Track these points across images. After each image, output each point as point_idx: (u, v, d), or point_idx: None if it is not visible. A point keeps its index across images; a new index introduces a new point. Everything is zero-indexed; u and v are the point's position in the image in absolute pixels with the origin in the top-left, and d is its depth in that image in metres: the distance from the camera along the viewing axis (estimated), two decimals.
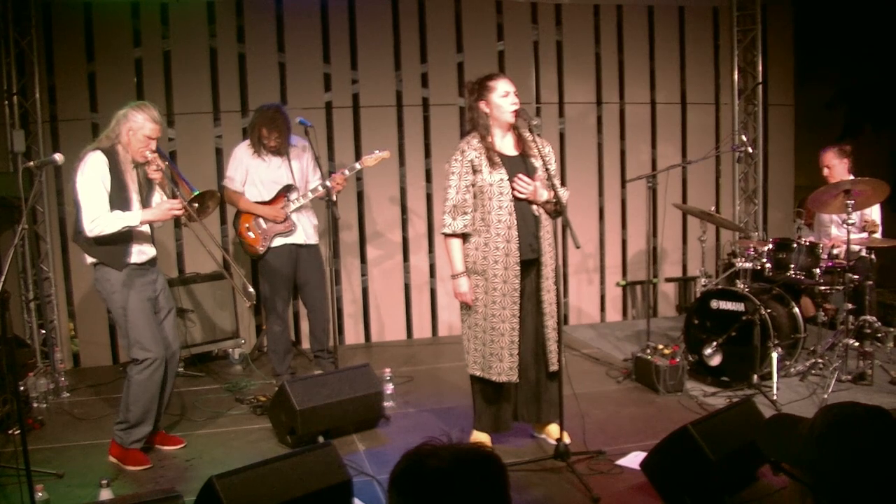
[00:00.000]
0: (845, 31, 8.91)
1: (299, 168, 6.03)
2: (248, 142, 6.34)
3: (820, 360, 6.09)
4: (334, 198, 6.06)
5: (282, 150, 6.23)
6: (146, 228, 4.94)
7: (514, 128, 4.78)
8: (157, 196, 5.00)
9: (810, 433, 1.88)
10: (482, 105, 4.69)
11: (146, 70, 7.37)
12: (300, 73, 7.69)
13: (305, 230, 6.30)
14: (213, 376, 6.89)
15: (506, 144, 4.77)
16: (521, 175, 4.62)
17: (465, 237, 4.74)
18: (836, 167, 6.56)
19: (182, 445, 5.17)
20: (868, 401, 1.93)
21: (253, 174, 6.28)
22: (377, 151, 6.28)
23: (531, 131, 4.67)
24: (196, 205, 4.91)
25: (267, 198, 6.27)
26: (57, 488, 4.40)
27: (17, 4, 6.82)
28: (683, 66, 8.69)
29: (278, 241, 6.27)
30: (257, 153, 6.26)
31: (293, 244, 6.30)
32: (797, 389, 5.84)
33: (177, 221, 7.28)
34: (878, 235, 6.18)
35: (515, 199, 4.63)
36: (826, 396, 5.50)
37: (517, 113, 4.64)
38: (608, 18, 8.44)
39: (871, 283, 6.21)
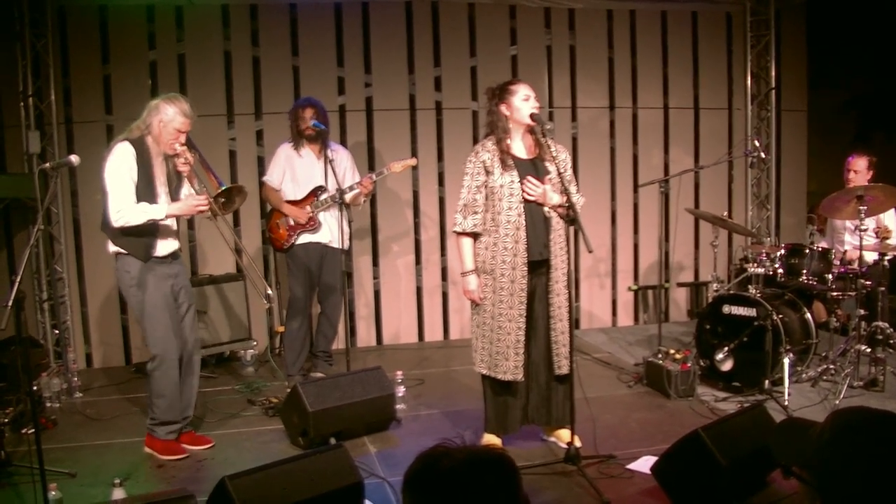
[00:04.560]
0: (858, 37, 8.89)
1: (332, 171, 6.08)
2: (289, 141, 6.48)
3: (832, 366, 6.07)
4: (361, 200, 6.42)
5: (317, 141, 6.35)
6: (171, 222, 4.98)
7: (531, 132, 4.82)
8: (186, 189, 5.03)
9: (820, 437, 1.89)
10: (503, 108, 4.75)
11: (161, 72, 7.41)
12: (314, 77, 7.72)
13: (332, 230, 6.38)
14: (226, 377, 6.93)
15: (521, 148, 4.82)
16: (530, 177, 4.66)
17: (475, 237, 4.79)
18: (861, 174, 6.51)
19: (210, 445, 5.20)
20: (880, 407, 1.93)
21: (290, 172, 6.46)
22: (405, 159, 6.53)
23: (544, 135, 4.71)
24: (222, 200, 4.95)
25: (300, 196, 6.42)
26: (70, 488, 4.42)
27: (33, 7, 6.88)
28: (696, 71, 8.68)
29: (304, 238, 6.43)
30: (296, 147, 6.44)
31: (319, 242, 6.43)
32: (809, 395, 5.82)
33: (191, 221, 7.33)
34: (892, 241, 6.15)
35: (526, 200, 4.67)
36: (838, 402, 5.48)
37: (532, 117, 4.68)
38: (621, 23, 8.44)
39: (883, 288, 6.18)
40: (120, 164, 4.73)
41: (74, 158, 4.35)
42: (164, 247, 4.96)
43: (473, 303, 4.85)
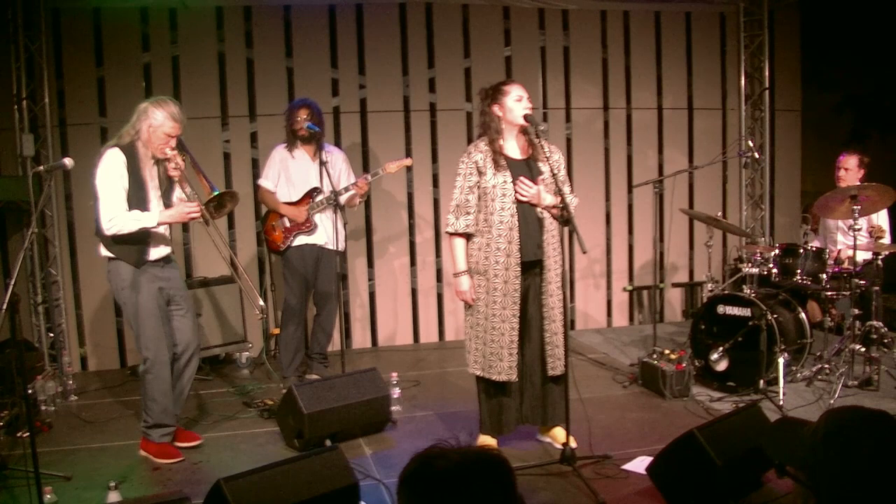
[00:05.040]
0: (852, 36, 8.91)
1: (328, 173, 6.08)
2: (284, 143, 6.48)
3: (826, 366, 6.08)
4: (357, 201, 6.46)
5: (311, 141, 6.33)
6: (164, 229, 4.97)
7: (524, 133, 4.83)
8: (178, 192, 5.02)
9: (814, 436, 1.89)
10: (495, 108, 4.76)
11: (155, 75, 7.40)
12: (308, 78, 7.71)
13: (327, 232, 6.37)
14: (221, 380, 6.92)
15: (514, 148, 4.83)
16: (522, 178, 4.66)
17: (469, 237, 4.80)
18: (852, 172, 6.53)
19: (199, 442, 5.21)
20: (874, 406, 1.94)
21: (285, 174, 6.45)
22: (400, 159, 6.54)
23: (538, 136, 4.72)
24: (214, 204, 4.93)
25: (295, 198, 6.42)
26: (65, 491, 4.42)
27: (27, 10, 6.86)
28: (690, 72, 8.70)
29: (300, 240, 6.42)
30: (290, 149, 6.43)
31: (315, 244, 6.42)
32: (803, 395, 5.83)
33: (185, 225, 7.31)
34: (885, 241, 6.17)
35: (518, 201, 4.67)
36: (832, 402, 5.50)
37: (525, 118, 4.68)
38: (615, 24, 8.44)
39: (877, 288, 6.20)
40: (110, 172, 4.71)
41: (68, 161, 4.34)
42: (157, 252, 4.96)
43: (466, 304, 4.86)
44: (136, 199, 4.78)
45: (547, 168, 4.73)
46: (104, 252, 4.88)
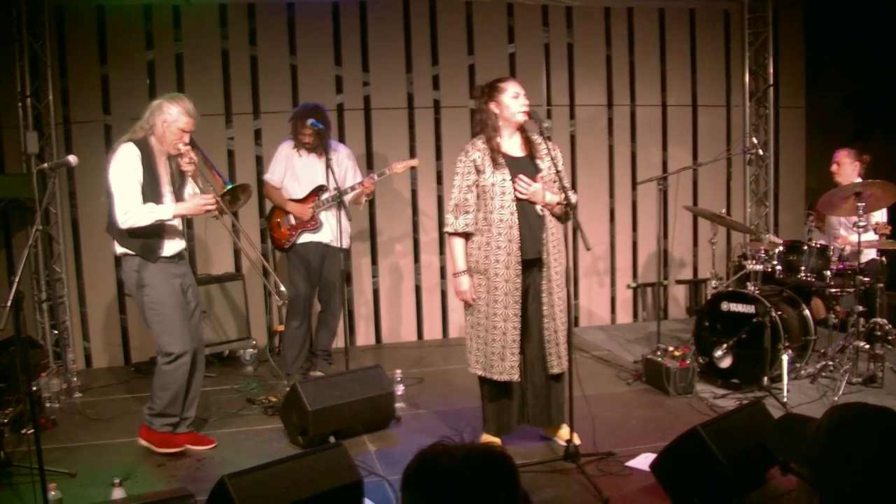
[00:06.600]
0: (857, 34, 8.88)
1: (335, 171, 6.07)
2: (290, 140, 6.49)
3: (830, 363, 6.07)
4: (362, 200, 6.47)
5: (318, 149, 6.34)
6: (177, 222, 4.98)
7: (522, 130, 4.81)
8: (190, 188, 5.02)
9: (817, 433, 1.89)
10: (492, 106, 4.73)
11: (158, 72, 7.41)
12: (312, 76, 7.72)
13: (332, 230, 6.35)
14: (225, 377, 6.93)
15: (512, 146, 4.80)
16: (521, 175, 4.65)
17: (468, 236, 4.79)
18: (846, 166, 6.54)
19: (213, 445, 5.19)
20: (878, 403, 1.93)
21: (291, 170, 6.45)
22: (407, 159, 6.58)
23: (542, 134, 4.70)
24: (227, 197, 4.94)
25: (301, 195, 6.41)
26: (70, 487, 4.42)
27: (31, 8, 6.87)
28: (694, 69, 8.68)
29: (305, 238, 6.43)
30: (296, 149, 6.42)
31: (320, 242, 6.42)
32: (808, 392, 5.82)
33: (189, 221, 7.31)
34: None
35: (518, 199, 4.66)
36: (836, 399, 5.49)
37: (528, 115, 4.67)
38: (619, 21, 8.43)
39: (881, 285, 6.19)
40: (125, 166, 4.71)
41: (72, 159, 4.34)
42: (171, 247, 4.95)
43: (466, 303, 4.84)
44: (151, 193, 4.78)
45: (546, 165, 4.71)
46: (119, 249, 4.87)
